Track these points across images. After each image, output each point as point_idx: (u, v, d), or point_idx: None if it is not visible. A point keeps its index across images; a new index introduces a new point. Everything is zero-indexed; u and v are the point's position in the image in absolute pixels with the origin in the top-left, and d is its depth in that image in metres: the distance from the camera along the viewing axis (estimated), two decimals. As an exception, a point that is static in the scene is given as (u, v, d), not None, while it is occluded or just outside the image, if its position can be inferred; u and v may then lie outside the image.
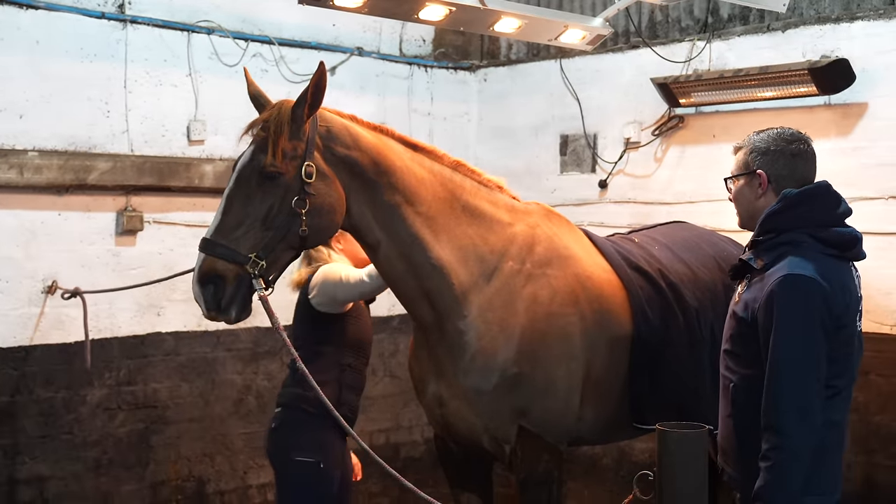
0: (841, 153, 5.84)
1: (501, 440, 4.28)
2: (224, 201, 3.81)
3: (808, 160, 3.52)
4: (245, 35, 6.47)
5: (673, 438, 3.09)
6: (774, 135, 3.54)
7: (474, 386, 4.20)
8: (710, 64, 6.37)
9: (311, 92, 3.81)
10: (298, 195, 3.79)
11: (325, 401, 3.81)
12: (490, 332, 4.19)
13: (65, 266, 5.76)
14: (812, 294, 3.23)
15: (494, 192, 4.41)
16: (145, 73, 6.06)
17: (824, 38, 5.89)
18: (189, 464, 6.26)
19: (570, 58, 7.15)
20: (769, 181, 3.47)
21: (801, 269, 3.25)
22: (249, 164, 3.83)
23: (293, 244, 3.86)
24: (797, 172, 3.48)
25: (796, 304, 3.23)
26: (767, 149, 3.51)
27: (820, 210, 3.42)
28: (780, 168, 3.48)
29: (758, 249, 3.46)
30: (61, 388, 5.75)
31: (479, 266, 4.21)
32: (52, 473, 5.73)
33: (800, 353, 3.22)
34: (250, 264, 3.73)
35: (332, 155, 3.92)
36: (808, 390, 3.21)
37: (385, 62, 7.24)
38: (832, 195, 3.47)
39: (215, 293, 3.75)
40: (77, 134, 5.78)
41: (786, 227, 3.38)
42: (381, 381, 7.15)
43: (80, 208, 5.82)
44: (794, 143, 3.52)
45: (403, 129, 7.16)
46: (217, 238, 3.75)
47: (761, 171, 3.48)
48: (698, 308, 4.54)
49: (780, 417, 3.21)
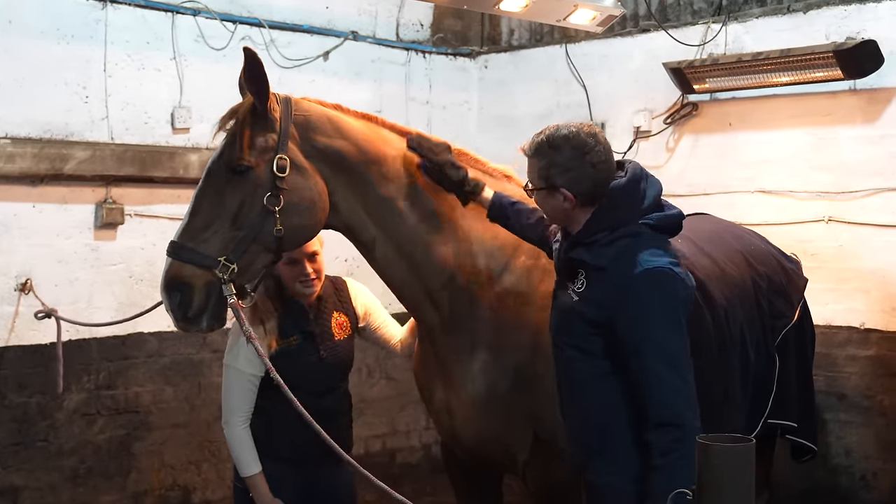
0: (867, 141, 5.58)
1: (514, 450, 3.97)
2: (193, 200, 3.53)
3: (606, 158, 3.27)
4: (233, 17, 6.16)
5: (717, 453, 2.72)
6: (570, 151, 3.24)
7: (485, 392, 3.89)
8: (726, 48, 6.06)
9: (249, 84, 3.51)
10: (271, 191, 3.49)
11: (306, 414, 3.46)
12: (502, 334, 3.87)
13: (40, 262, 5.44)
14: (671, 282, 3.16)
15: (502, 183, 4.07)
16: (126, 57, 5.73)
17: (849, 18, 5.60)
18: (173, 472, 5.95)
19: (575, 42, 6.83)
20: (576, 198, 3.24)
21: (656, 261, 3.16)
22: (219, 159, 3.55)
23: (268, 245, 3.54)
24: (601, 180, 3.25)
25: (659, 296, 3.14)
26: (565, 167, 3.23)
27: (639, 197, 3.27)
28: (585, 185, 3.23)
29: (594, 248, 3.27)
30: (36, 393, 5.43)
31: (487, 262, 3.89)
32: (27, 484, 5.41)
33: (676, 345, 3.16)
34: (220, 268, 3.44)
35: (310, 147, 3.61)
36: (686, 376, 3.16)
37: (381, 47, 6.93)
38: (645, 177, 3.31)
39: (182, 302, 3.46)
40: (53, 120, 5.44)
41: (617, 222, 3.24)
42: (377, 383, 6.85)
43: (57, 200, 5.49)
44: (589, 152, 3.24)
45: (400, 118, 6.86)
46: (184, 240, 3.47)
47: (566, 192, 3.24)
48: (727, 307, 4.20)
49: (671, 409, 3.12)
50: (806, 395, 4.73)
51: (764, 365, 4.44)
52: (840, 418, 5.67)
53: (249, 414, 4.09)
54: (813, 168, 5.75)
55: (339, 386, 4.26)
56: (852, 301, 5.62)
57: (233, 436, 4.08)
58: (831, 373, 5.66)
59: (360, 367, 6.79)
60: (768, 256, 4.65)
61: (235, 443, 4.08)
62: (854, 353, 5.61)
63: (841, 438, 5.67)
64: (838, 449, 5.68)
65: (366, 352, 6.72)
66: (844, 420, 5.66)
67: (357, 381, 6.75)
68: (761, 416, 4.46)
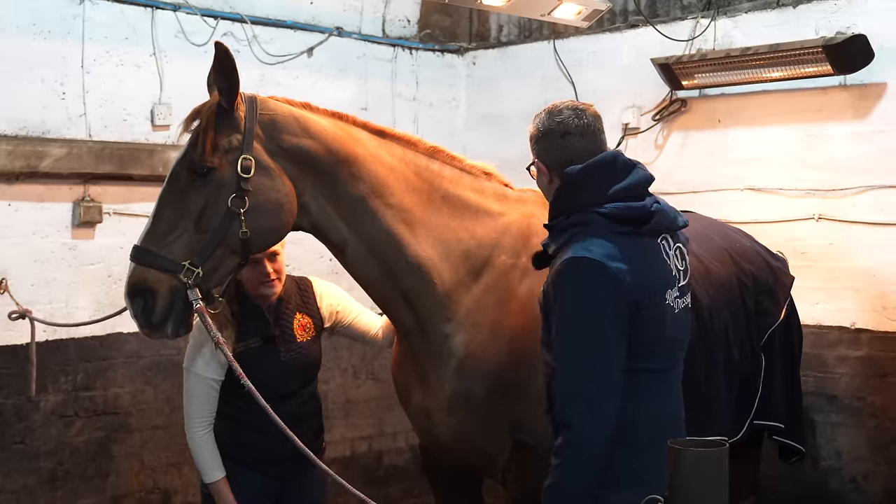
0: (858, 138, 5.49)
1: (493, 454, 3.88)
2: (156, 203, 3.46)
3: (584, 133, 3.19)
4: (214, 12, 6.03)
5: (688, 458, 2.62)
6: (545, 117, 3.24)
7: (462, 396, 3.79)
8: (715, 43, 5.96)
9: (219, 79, 3.44)
10: (235, 192, 3.41)
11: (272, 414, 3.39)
12: (479, 335, 3.78)
13: (16, 261, 5.32)
14: (595, 276, 2.96)
15: (480, 180, 3.98)
16: (105, 53, 5.61)
17: (839, 13, 5.50)
18: (154, 474, 5.83)
19: (564, 38, 6.73)
20: (548, 168, 3.21)
21: (585, 251, 2.99)
22: (182, 160, 3.47)
23: (234, 249, 3.46)
24: (570, 151, 3.17)
25: (576, 288, 2.99)
26: (538, 135, 3.24)
27: (603, 184, 3.11)
28: (552, 153, 3.20)
29: (550, 234, 3.21)
30: (11, 394, 5.30)
31: (464, 262, 3.80)
32: (2, 487, 5.28)
33: (581, 339, 2.98)
34: (184, 273, 3.36)
35: (277, 146, 3.52)
36: (594, 378, 2.96)
37: (367, 43, 6.81)
38: (618, 165, 3.16)
39: (145, 307, 3.39)
40: (29, 117, 5.33)
41: (573, 207, 3.12)
42: (363, 384, 6.74)
43: (33, 198, 5.36)
44: (561, 121, 3.19)
45: (387, 115, 6.86)
46: (147, 244, 3.40)
47: (539, 162, 3.24)
48: (711, 307, 4.12)
49: (566, 409, 2.98)
50: (793, 395, 4.65)
51: (749, 365, 4.36)
52: (830, 420, 5.57)
53: (212, 419, 4.02)
54: (803, 165, 5.66)
55: (304, 390, 4.18)
56: (843, 300, 5.52)
57: (194, 441, 4.02)
58: (821, 373, 5.57)
59: (346, 368, 6.70)
60: (754, 255, 4.57)
61: (197, 449, 4.02)
62: (845, 353, 5.51)
63: (831, 440, 5.58)
64: (829, 451, 5.59)
65: (352, 351, 6.64)
66: (835, 421, 5.56)
67: (343, 382, 6.67)
68: (747, 417, 4.38)
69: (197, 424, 4.02)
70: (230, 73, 3.41)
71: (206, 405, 4.03)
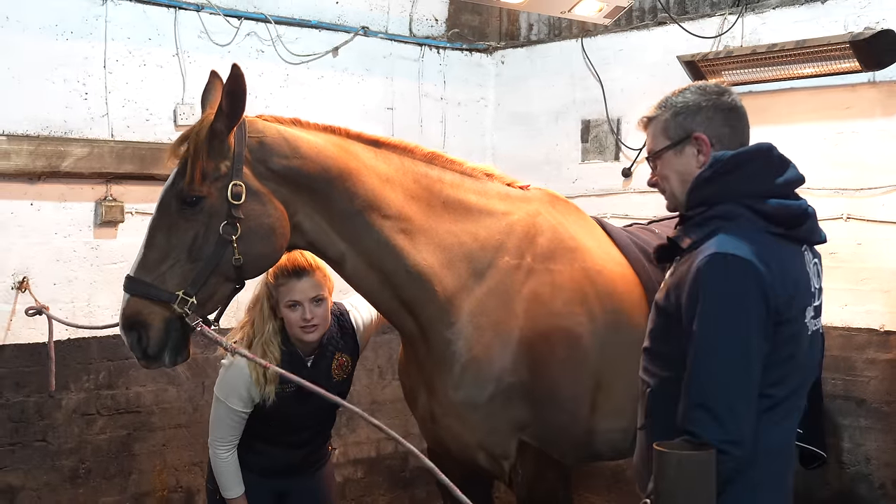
0: (887, 136, 5.35)
1: (499, 457, 3.85)
2: (147, 232, 3.41)
3: (744, 117, 2.89)
4: (238, 12, 6.02)
5: (672, 461, 2.55)
6: (696, 89, 2.90)
7: (467, 400, 3.77)
8: (743, 40, 5.85)
9: (226, 101, 3.34)
10: (226, 220, 3.36)
11: None
12: (483, 339, 3.74)
13: (38, 260, 5.36)
14: (744, 277, 2.61)
15: (482, 182, 3.93)
16: (128, 53, 5.63)
17: (869, 7, 5.36)
18: (176, 473, 5.85)
19: (592, 37, 6.65)
20: (711, 144, 2.82)
21: (734, 247, 2.64)
22: (170, 189, 3.41)
23: (228, 276, 3.42)
24: (738, 130, 2.85)
25: (724, 288, 2.62)
26: (698, 105, 2.84)
27: (760, 176, 2.77)
28: (718, 125, 2.82)
29: (686, 226, 2.84)
30: (33, 392, 5.34)
31: (467, 265, 3.75)
32: (24, 484, 5.32)
33: (728, 346, 2.60)
34: (178, 302, 3.31)
35: (266, 169, 3.45)
36: (736, 391, 2.59)
37: (393, 43, 6.77)
38: (776, 158, 2.83)
39: (140, 340, 3.36)
40: (51, 118, 5.36)
41: (718, 198, 2.76)
42: (389, 384, 6.70)
43: (55, 198, 5.40)
44: (725, 94, 2.87)
45: (413, 115, 6.84)
46: (140, 275, 3.36)
47: (700, 134, 2.82)
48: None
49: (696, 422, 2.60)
50: (813, 398, 4.53)
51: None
52: (859, 424, 5.44)
53: (236, 443, 4.05)
54: (831, 164, 5.52)
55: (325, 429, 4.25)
56: (872, 302, 5.38)
57: (218, 461, 4.06)
58: (850, 377, 5.43)
59: (372, 369, 6.67)
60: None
61: (220, 468, 4.05)
62: (873, 356, 5.37)
63: (860, 445, 5.44)
64: (857, 456, 5.45)
65: (377, 352, 6.61)
66: (863, 426, 5.42)
67: (369, 383, 6.65)
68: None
69: (222, 446, 4.04)
70: (240, 98, 3.33)
71: (234, 431, 4.05)
